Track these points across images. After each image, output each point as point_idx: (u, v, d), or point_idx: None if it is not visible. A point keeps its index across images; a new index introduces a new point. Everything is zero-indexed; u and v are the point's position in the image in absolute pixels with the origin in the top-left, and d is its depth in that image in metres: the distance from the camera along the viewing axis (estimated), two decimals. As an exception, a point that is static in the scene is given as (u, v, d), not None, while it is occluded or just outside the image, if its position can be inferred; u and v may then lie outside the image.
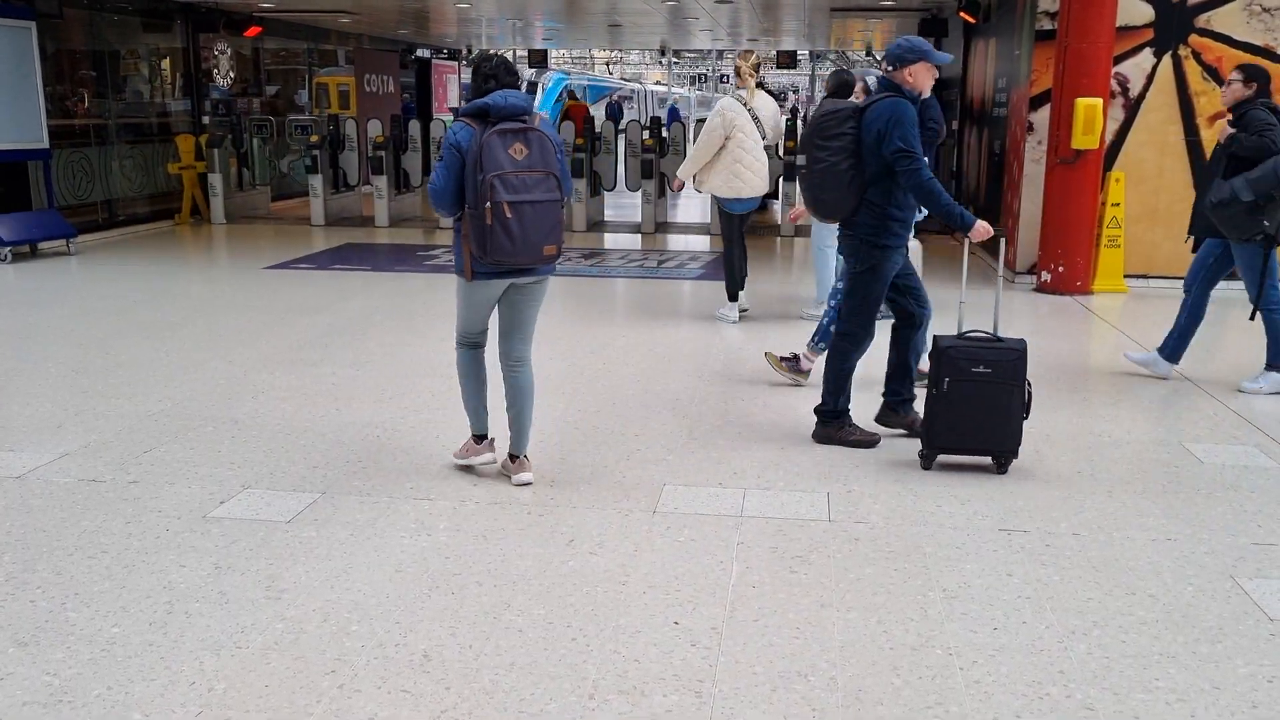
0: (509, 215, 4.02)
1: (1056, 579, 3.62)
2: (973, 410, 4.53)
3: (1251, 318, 5.99)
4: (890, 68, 4.74)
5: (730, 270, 7.83)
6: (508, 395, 4.50)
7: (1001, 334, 4.73)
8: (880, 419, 5.16)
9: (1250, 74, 5.88)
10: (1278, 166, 5.49)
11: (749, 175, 7.37)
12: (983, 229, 4.68)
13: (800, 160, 4.84)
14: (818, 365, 5.83)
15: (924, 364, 5.18)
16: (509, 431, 4.54)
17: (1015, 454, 4.63)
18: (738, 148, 7.32)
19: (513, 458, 4.52)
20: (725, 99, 7.57)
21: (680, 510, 4.21)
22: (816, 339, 6.12)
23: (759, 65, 7.67)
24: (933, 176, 4.64)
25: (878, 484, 4.52)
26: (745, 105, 7.43)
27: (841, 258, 7.59)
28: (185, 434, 5.12)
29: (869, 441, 5.00)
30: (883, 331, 5.13)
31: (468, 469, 4.63)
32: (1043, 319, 8.28)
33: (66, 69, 12.44)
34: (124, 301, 8.57)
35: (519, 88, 4.24)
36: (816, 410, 5.10)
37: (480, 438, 4.60)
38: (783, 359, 6.17)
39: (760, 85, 7.71)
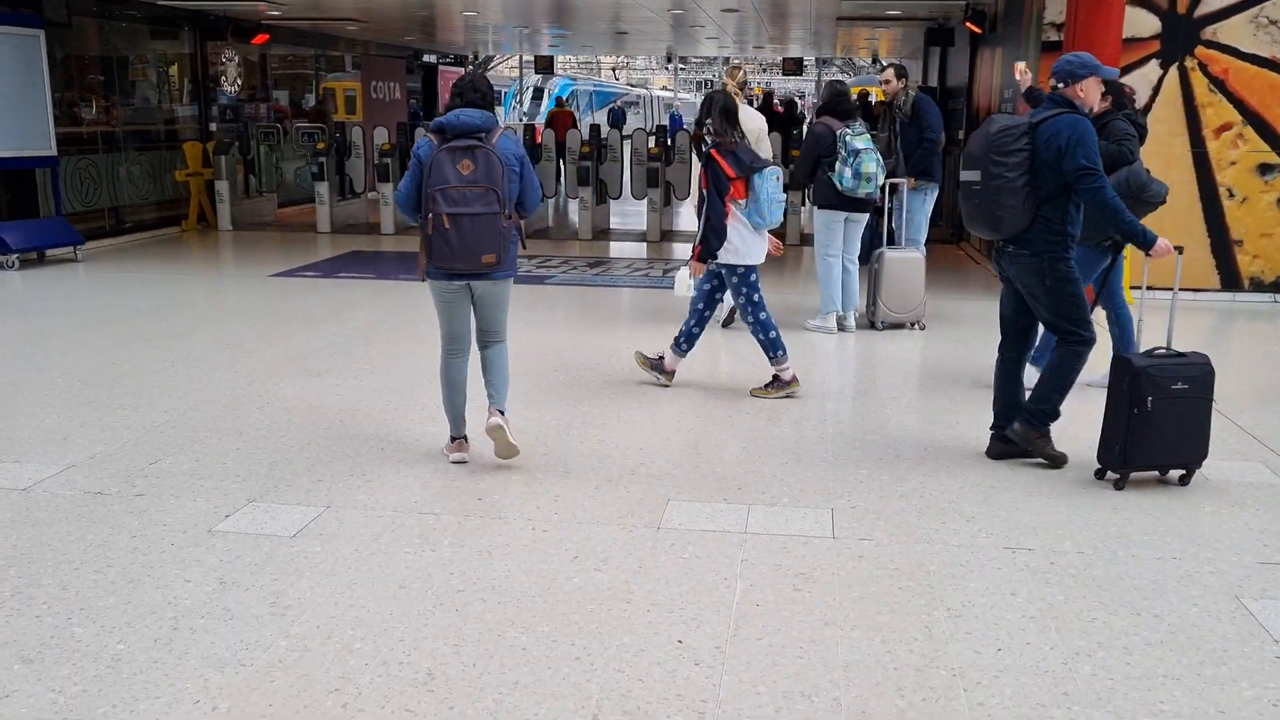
0: (448, 226, 4.46)
1: (1061, 598, 3.61)
2: (1174, 427, 4.58)
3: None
4: (1061, 84, 4.71)
5: None
6: (483, 369, 4.91)
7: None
8: (992, 453, 5.08)
9: (1106, 89, 6.06)
10: (1130, 176, 5.70)
11: None
12: (1164, 247, 4.68)
13: (971, 176, 4.76)
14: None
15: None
16: (487, 398, 4.87)
17: (1200, 465, 4.72)
18: None
19: (498, 410, 4.85)
20: None
21: (684, 526, 4.21)
22: (681, 342, 6.21)
23: (745, 83, 7.82)
24: (1115, 194, 4.62)
25: (882, 500, 4.52)
26: None
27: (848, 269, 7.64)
28: (191, 446, 5.13)
29: (1059, 459, 4.95)
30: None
31: (475, 490, 4.65)
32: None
33: (75, 76, 12.48)
34: (130, 310, 8.60)
35: (490, 106, 4.65)
36: (1028, 407, 4.98)
37: (455, 438, 4.95)
38: (766, 385, 6.18)
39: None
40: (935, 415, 5.86)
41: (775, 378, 6.15)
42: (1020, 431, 4.97)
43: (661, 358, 6.31)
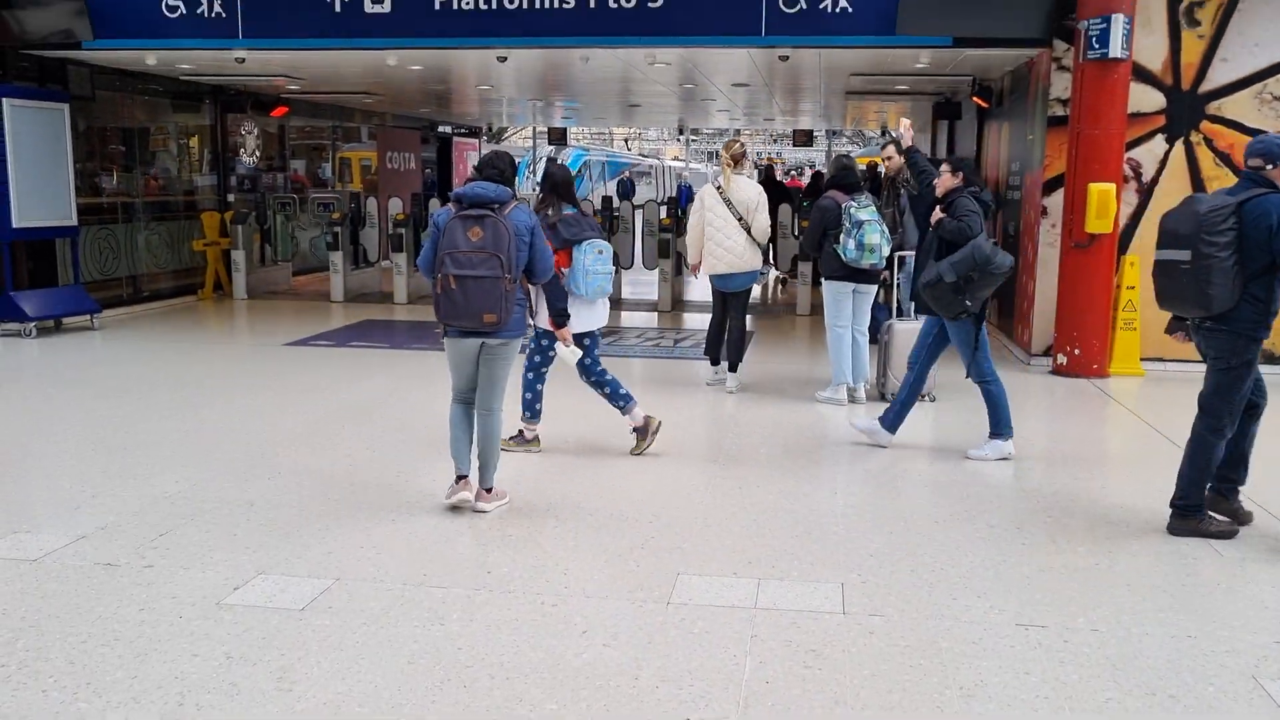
0: (454, 286, 4.91)
1: (1075, 678, 3.57)
2: None
3: (968, 375, 6.45)
4: (1271, 165, 4.78)
5: (709, 337, 8.49)
6: (477, 440, 5.27)
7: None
8: (1211, 506, 5.10)
9: (955, 165, 6.48)
10: (974, 250, 5.98)
11: (720, 253, 7.93)
12: None
13: (1179, 255, 4.83)
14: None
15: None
16: (477, 467, 5.28)
17: None
18: (709, 226, 7.93)
19: (484, 490, 5.27)
20: (705, 186, 8.28)
21: (694, 601, 4.18)
22: (619, 404, 6.39)
23: (739, 156, 8.12)
24: None
25: (893, 575, 4.49)
26: (720, 190, 7.96)
27: (860, 337, 7.68)
28: (201, 516, 5.14)
29: (1230, 532, 4.96)
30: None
31: (484, 564, 4.64)
32: (1059, 402, 8.26)
33: (96, 147, 12.72)
34: (144, 378, 8.66)
35: (509, 182, 5.11)
36: (1175, 504, 5.05)
37: (460, 477, 5.26)
38: (510, 438, 6.32)
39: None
40: (946, 489, 5.84)
41: (520, 432, 6.41)
42: (1180, 527, 5.02)
43: (636, 425, 6.42)
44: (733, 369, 8.27)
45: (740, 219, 7.90)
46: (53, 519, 5.09)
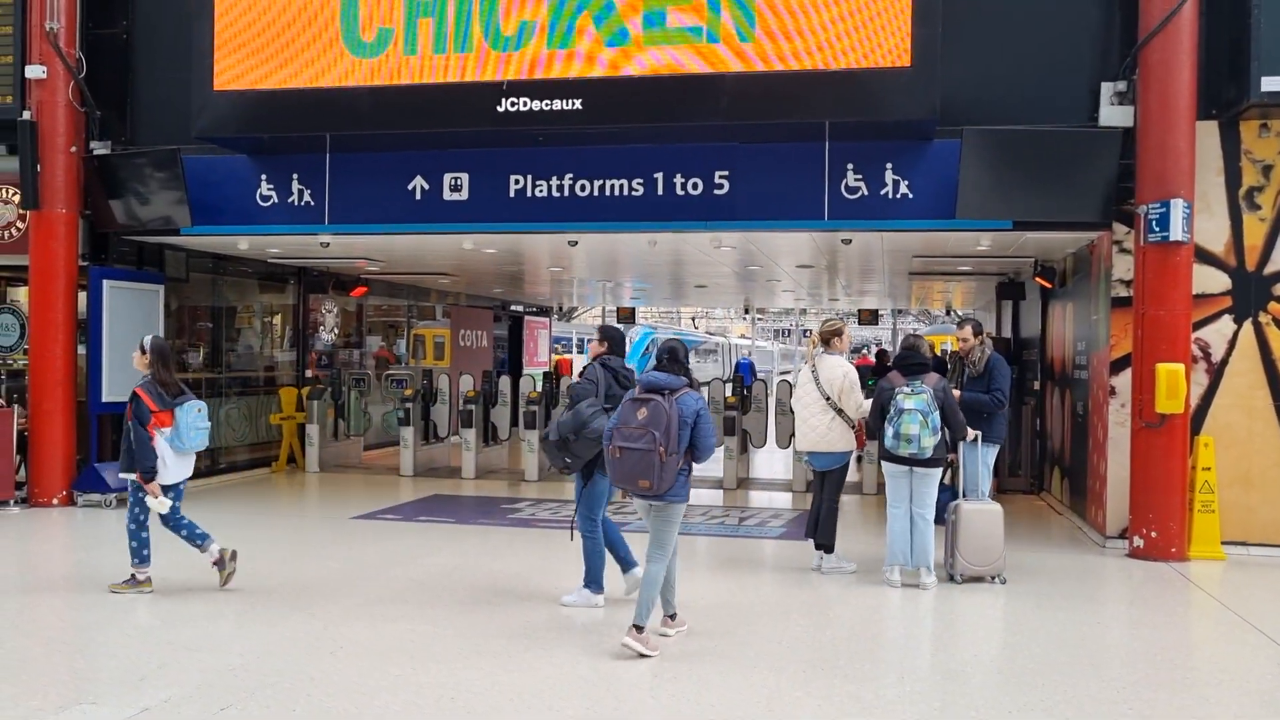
0: (617, 455, 5.79)
1: None
2: None
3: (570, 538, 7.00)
4: None
5: (809, 518, 8.32)
6: (641, 581, 6.00)
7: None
8: None
9: (601, 333, 7.10)
10: (575, 414, 6.58)
11: (805, 430, 8.14)
12: None
13: None
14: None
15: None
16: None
17: None
18: (797, 403, 8.23)
19: (634, 628, 5.83)
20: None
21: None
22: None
23: (828, 336, 8.26)
24: None
25: (964, 768, 4.31)
26: (812, 368, 8.19)
27: (916, 518, 7.56)
28: (262, 691, 5.15)
29: None
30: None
31: None
32: (1139, 588, 7.97)
33: (186, 325, 13.33)
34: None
35: (685, 371, 5.92)
36: None
37: (669, 615, 6.24)
38: (123, 582, 7.14)
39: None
40: (1019, 677, 5.63)
41: (132, 576, 7.14)
42: None
43: (215, 560, 7.20)
44: (825, 549, 8.10)
45: (828, 398, 7.98)
46: (117, 691, 5.13)
